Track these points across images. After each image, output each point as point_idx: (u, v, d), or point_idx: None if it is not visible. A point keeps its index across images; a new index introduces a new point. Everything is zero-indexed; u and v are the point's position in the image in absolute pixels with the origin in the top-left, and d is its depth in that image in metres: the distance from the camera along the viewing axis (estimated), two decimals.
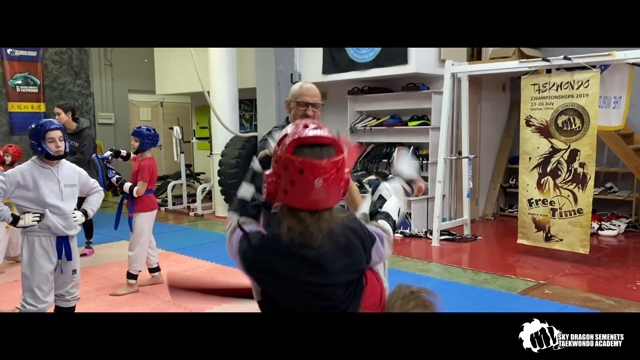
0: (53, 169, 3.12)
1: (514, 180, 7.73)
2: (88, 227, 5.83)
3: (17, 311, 3.14)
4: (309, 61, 7.47)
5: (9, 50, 9.88)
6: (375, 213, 1.80)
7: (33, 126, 3.14)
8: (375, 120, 7.29)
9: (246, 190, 1.71)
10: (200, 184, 9.37)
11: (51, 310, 3.22)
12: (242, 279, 1.67)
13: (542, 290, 4.46)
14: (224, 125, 7.42)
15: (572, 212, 5.14)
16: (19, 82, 10.06)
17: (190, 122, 10.98)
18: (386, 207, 1.79)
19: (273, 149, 1.47)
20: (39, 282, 3.08)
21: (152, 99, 12.06)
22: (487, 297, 4.28)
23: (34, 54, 10.16)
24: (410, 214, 6.60)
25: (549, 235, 5.32)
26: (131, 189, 4.45)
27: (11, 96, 9.96)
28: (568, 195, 5.15)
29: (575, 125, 5.05)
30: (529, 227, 5.46)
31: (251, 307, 1.68)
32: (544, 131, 5.27)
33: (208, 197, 8.91)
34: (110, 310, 4.07)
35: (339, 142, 1.40)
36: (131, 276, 4.51)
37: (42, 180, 3.07)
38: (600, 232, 6.41)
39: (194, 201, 8.92)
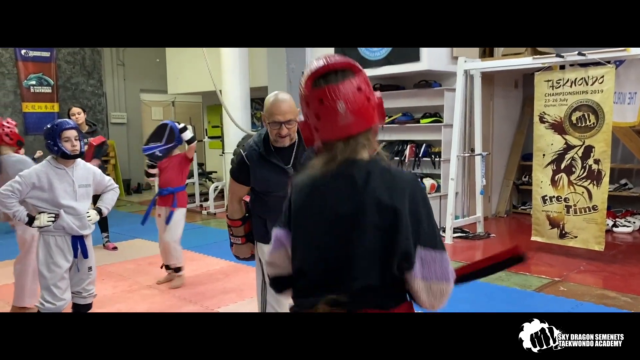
0: (68, 169, 3.15)
1: (527, 177, 7.69)
2: (103, 222, 5.89)
3: (37, 309, 3.19)
4: None
5: (23, 51, 9.99)
6: None
7: (49, 126, 3.18)
8: (386, 117, 7.28)
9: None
10: (213, 182, 9.42)
11: (69, 307, 3.26)
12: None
13: (557, 287, 4.44)
14: (236, 124, 7.45)
15: (587, 209, 5.10)
16: (33, 82, 10.17)
17: (202, 121, 11.04)
18: None
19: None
20: (55, 281, 3.12)
21: (163, 99, 12.15)
22: (502, 295, 4.27)
23: (47, 54, 10.26)
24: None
25: (564, 232, 5.29)
26: (192, 138, 4.60)
27: (25, 96, 10.08)
28: (583, 192, 5.12)
29: (589, 121, 5.02)
30: (543, 224, 5.43)
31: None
32: (558, 128, 5.24)
33: (220, 195, 8.95)
34: (127, 307, 4.11)
35: (354, 64, 1.35)
36: (178, 269, 4.64)
37: (57, 182, 3.10)
38: (614, 229, 6.36)
39: (206, 200, 8.97)
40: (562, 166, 5.24)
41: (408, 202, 1.32)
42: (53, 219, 3.09)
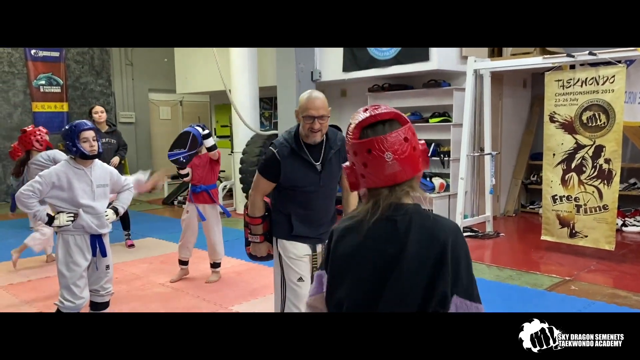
0: (86, 169, 3.20)
1: (535, 176, 7.70)
2: (125, 220, 6.03)
3: (56, 307, 3.23)
4: (329, 59, 7.50)
5: (32, 51, 10.05)
6: None
7: (67, 127, 3.22)
8: None
9: None
10: (221, 182, 9.45)
11: (86, 305, 3.31)
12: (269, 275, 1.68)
13: (568, 286, 4.46)
14: (246, 124, 7.48)
15: (597, 209, 5.12)
16: (43, 82, 10.23)
17: (209, 121, 11.08)
18: None
19: None
20: (75, 279, 3.17)
21: (171, 98, 12.20)
22: (514, 294, 4.29)
23: (57, 54, 10.32)
24: (432, 211, 6.60)
25: (574, 231, 5.30)
26: (213, 146, 4.65)
27: (35, 96, 10.14)
28: (593, 192, 5.13)
29: (600, 121, 5.03)
30: (553, 223, 5.44)
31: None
32: (569, 127, 5.25)
33: (229, 194, 8.99)
34: (143, 306, 4.15)
35: (400, 115, 1.41)
36: (217, 265, 4.83)
37: (76, 181, 3.15)
38: (624, 229, 6.36)
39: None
40: (573, 166, 5.25)
41: (450, 251, 1.34)
42: (72, 218, 3.13)
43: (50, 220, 3.15)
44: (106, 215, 3.26)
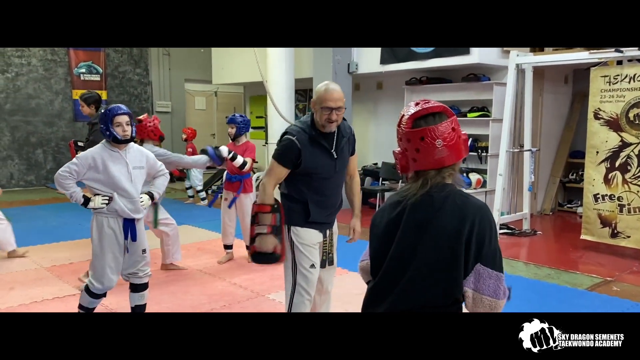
0: (122, 152, 3.23)
1: (574, 174, 7.54)
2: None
3: (83, 284, 3.28)
4: (367, 51, 7.46)
5: None
6: None
7: (102, 111, 3.26)
8: None
9: None
10: (254, 172, 9.53)
11: (125, 288, 3.37)
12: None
13: (609, 287, 4.36)
14: (282, 116, 7.50)
15: None
16: (83, 70, 10.47)
17: (243, 112, 11.16)
18: None
19: None
20: (106, 261, 3.21)
21: (206, 89, 12.33)
22: (553, 293, 4.22)
23: None
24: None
25: (615, 231, 5.17)
26: (244, 163, 4.68)
27: (75, 84, 10.39)
28: (638, 191, 4.99)
29: None
30: (594, 222, 5.32)
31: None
32: (614, 124, 5.12)
33: None
34: (181, 290, 4.22)
35: (447, 109, 1.64)
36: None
37: (112, 163, 3.18)
38: None
39: None
40: (617, 164, 5.12)
41: (477, 225, 1.55)
42: (107, 201, 3.16)
43: (86, 202, 3.19)
44: (141, 201, 3.29)
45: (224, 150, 4.52)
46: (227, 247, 5.12)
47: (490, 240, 1.56)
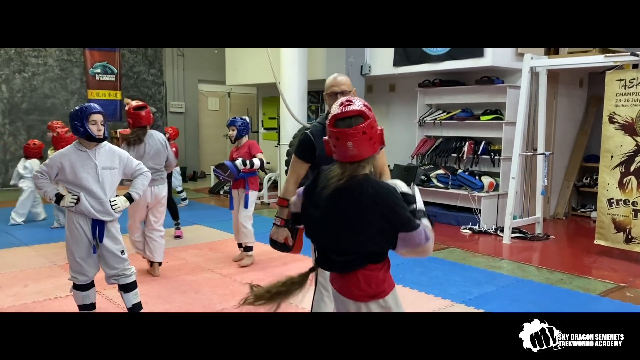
0: (90, 152, 3.21)
1: (588, 179, 7.47)
2: (172, 209, 6.01)
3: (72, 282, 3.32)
4: (380, 53, 7.46)
5: None
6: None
7: (77, 108, 3.24)
8: (445, 113, 7.20)
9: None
10: (266, 173, 9.56)
11: (113, 288, 3.38)
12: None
13: (622, 293, 4.31)
14: (295, 117, 7.52)
15: None
16: (98, 70, 10.57)
17: (256, 113, 11.20)
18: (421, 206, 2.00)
19: None
20: (78, 256, 3.23)
21: (220, 89, 12.39)
22: (565, 297, 4.18)
23: None
24: (480, 210, 6.51)
25: (630, 236, 5.12)
26: (244, 162, 4.80)
27: (91, 84, 10.49)
28: None
29: None
30: (608, 227, 5.27)
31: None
32: (629, 129, 5.07)
33: (273, 186, 9.10)
34: (193, 289, 4.25)
35: (364, 112, 1.85)
36: (249, 249, 5.04)
37: (79, 164, 3.18)
38: None
39: (260, 190, 9.11)
40: (632, 169, 5.07)
41: (389, 205, 1.83)
42: (75, 201, 3.17)
43: (58, 200, 3.22)
44: (114, 203, 3.25)
45: (239, 162, 4.76)
46: (242, 245, 5.15)
47: (402, 209, 1.83)
